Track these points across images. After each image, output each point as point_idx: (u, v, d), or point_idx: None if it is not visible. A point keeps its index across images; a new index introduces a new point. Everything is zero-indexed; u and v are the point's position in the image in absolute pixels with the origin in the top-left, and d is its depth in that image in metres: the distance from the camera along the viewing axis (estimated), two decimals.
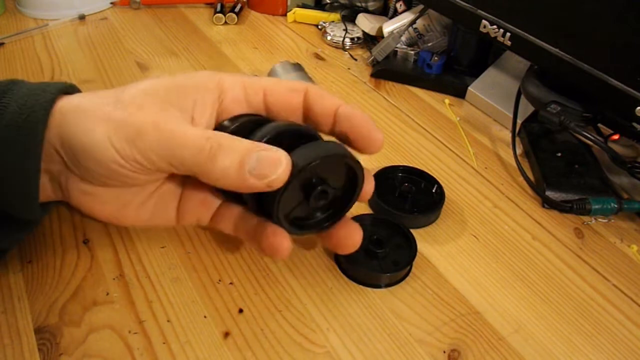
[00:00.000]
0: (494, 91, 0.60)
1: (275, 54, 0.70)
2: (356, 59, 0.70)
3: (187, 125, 0.30)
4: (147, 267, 0.38)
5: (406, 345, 0.34)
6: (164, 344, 0.33)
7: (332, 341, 0.34)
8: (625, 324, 0.37)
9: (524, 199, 0.48)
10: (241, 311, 0.36)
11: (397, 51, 0.67)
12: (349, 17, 0.76)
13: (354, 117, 0.32)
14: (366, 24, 0.72)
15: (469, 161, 0.52)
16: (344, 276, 0.39)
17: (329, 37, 0.72)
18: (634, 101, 0.42)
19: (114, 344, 0.33)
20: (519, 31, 0.50)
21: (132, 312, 0.35)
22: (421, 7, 0.66)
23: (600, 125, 0.51)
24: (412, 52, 0.66)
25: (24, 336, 0.33)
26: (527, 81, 0.52)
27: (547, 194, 0.47)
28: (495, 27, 0.53)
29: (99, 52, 0.66)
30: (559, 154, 0.51)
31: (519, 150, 0.54)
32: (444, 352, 0.34)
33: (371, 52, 0.67)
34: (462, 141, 0.55)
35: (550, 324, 0.37)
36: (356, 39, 0.72)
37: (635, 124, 0.45)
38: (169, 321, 0.34)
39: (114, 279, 0.37)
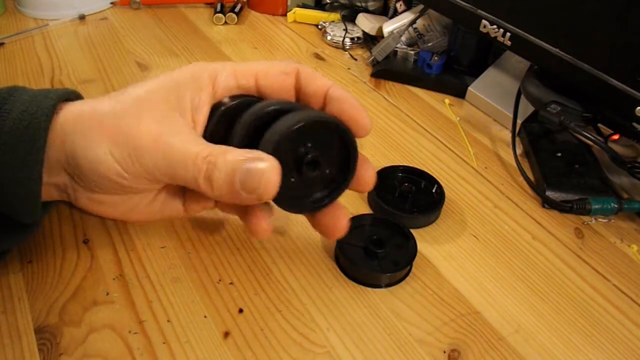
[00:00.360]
0: (494, 91, 0.60)
1: (275, 54, 0.70)
2: (356, 59, 0.70)
3: (188, 135, 0.31)
4: (147, 267, 0.38)
5: (406, 345, 0.34)
6: (164, 344, 0.33)
7: (332, 341, 0.34)
8: (625, 324, 0.37)
9: (524, 199, 0.48)
10: (241, 311, 0.36)
11: (397, 51, 0.67)
12: (349, 17, 0.76)
13: (343, 99, 0.33)
14: (366, 24, 0.72)
15: (469, 161, 0.52)
16: (344, 276, 0.39)
17: (329, 37, 0.72)
18: (634, 101, 0.42)
19: (114, 344, 0.33)
20: (519, 31, 0.50)
21: (132, 312, 0.35)
22: (421, 7, 0.66)
23: (600, 125, 0.51)
24: (412, 52, 0.66)
25: (24, 336, 0.33)
26: (527, 81, 0.52)
27: (547, 194, 0.47)
28: (495, 27, 0.53)
29: (99, 52, 0.66)
30: (559, 154, 0.51)
31: (519, 150, 0.54)
32: (444, 352, 0.34)
33: (371, 52, 0.67)
34: (462, 141, 0.55)
35: (550, 324, 0.37)
36: (356, 39, 0.72)
37: (635, 124, 0.45)
38: (169, 321, 0.34)
39: (114, 279, 0.37)
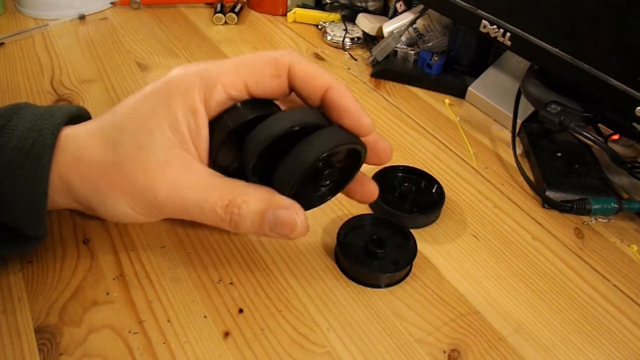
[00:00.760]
0: (494, 91, 0.60)
1: None
2: (356, 59, 0.70)
3: (198, 178, 0.32)
4: (147, 267, 0.38)
5: (406, 345, 0.34)
6: (164, 343, 0.33)
7: (332, 341, 0.34)
8: (625, 324, 0.37)
9: (524, 199, 0.48)
10: (241, 311, 0.35)
11: (397, 51, 0.67)
12: (349, 17, 0.76)
13: (345, 110, 0.31)
14: (366, 24, 0.72)
15: (469, 161, 0.52)
16: (344, 276, 0.39)
17: (329, 37, 0.72)
18: (634, 101, 0.42)
19: (114, 344, 0.33)
20: (519, 31, 0.50)
21: (132, 312, 0.35)
22: (421, 7, 0.66)
23: (600, 125, 0.51)
24: (412, 52, 0.66)
25: (24, 336, 0.33)
26: (527, 81, 0.52)
27: (547, 194, 0.47)
28: (495, 27, 0.53)
29: (99, 52, 0.66)
30: (559, 154, 0.51)
31: (519, 150, 0.54)
32: (444, 352, 0.34)
33: (371, 52, 0.67)
34: (462, 141, 0.55)
35: (550, 324, 0.37)
36: (356, 39, 0.72)
37: (635, 124, 0.45)
38: (169, 321, 0.34)
39: (114, 279, 0.37)
